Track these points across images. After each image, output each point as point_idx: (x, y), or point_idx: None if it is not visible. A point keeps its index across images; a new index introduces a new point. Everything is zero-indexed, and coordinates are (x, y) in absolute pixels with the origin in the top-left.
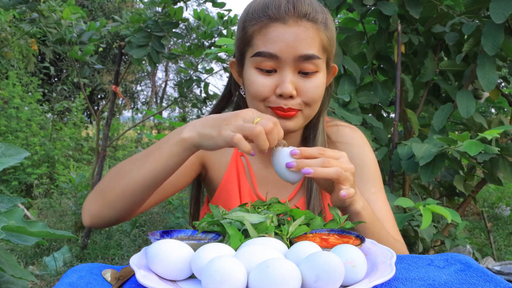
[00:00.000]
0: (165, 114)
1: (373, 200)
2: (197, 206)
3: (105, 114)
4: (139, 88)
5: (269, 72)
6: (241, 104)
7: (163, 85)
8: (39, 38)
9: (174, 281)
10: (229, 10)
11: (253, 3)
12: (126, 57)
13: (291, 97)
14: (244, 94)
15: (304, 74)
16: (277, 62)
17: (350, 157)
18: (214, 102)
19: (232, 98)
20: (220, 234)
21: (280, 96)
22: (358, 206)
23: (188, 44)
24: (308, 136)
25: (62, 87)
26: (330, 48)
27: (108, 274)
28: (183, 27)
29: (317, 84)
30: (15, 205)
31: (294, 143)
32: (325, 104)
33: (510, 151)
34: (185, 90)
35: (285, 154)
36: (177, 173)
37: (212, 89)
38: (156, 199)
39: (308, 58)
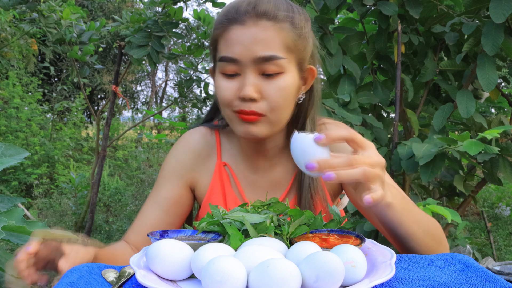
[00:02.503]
0: (165, 114)
1: None
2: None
3: (105, 114)
4: (139, 88)
5: (233, 76)
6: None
7: (163, 85)
8: (39, 38)
9: (174, 281)
10: None
11: (223, 8)
12: (126, 57)
13: (254, 100)
14: None
15: (267, 75)
16: (238, 65)
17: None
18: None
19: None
20: (220, 234)
21: (243, 99)
22: (388, 198)
23: (188, 44)
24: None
25: (62, 87)
26: (299, 47)
27: (108, 274)
28: (183, 27)
29: (281, 86)
30: (15, 205)
31: (278, 143)
32: (310, 108)
33: (510, 151)
34: (185, 90)
35: (307, 143)
36: (173, 212)
37: (212, 89)
38: None
39: (267, 59)
